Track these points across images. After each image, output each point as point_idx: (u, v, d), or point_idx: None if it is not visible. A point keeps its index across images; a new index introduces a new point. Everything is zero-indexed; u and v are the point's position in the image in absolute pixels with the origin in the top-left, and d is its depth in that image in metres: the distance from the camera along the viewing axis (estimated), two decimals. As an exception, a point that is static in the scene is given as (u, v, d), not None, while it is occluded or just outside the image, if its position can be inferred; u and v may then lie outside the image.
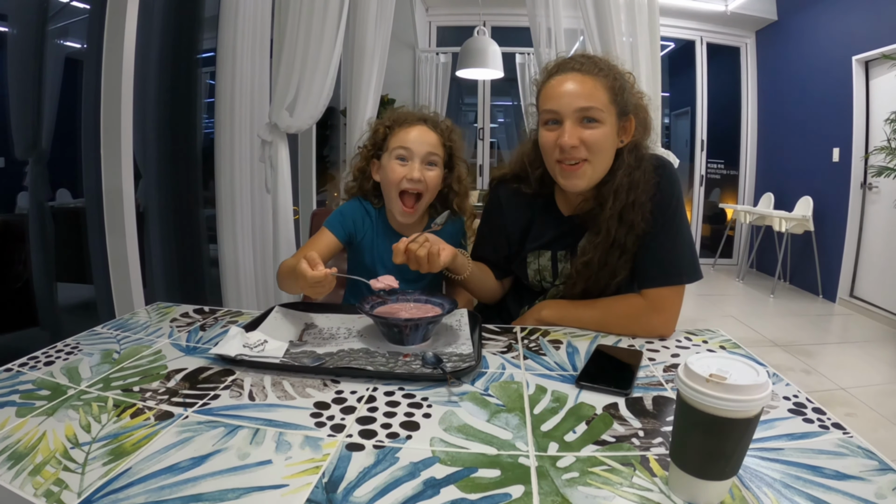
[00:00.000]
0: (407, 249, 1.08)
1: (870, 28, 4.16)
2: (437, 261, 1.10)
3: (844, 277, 4.51)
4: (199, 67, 2.93)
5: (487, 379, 0.89)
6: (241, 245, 2.51)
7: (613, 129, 1.14)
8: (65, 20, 2.48)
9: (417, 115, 1.36)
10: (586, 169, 1.14)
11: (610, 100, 1.12)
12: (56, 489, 0.59)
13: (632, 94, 1.17)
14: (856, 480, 0.61)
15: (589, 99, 1.11)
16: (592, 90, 1.11)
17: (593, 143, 1.12)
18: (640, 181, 1.15)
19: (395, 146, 1.31)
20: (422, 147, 1.30)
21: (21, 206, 2.31)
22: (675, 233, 1.16)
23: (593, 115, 1.11)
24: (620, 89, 1.14)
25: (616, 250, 1.17)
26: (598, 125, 1.11)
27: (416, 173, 1.28)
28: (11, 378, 0.88)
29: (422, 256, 1.09)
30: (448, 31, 5.90)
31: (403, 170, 1.29)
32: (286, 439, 0.70)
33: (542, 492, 0.59)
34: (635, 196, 1.14)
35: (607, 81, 1.13)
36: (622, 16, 2.12)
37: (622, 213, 1.15)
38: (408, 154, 1.30)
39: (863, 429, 2.28)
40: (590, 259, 1.18)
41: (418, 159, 1.29)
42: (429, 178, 1.31)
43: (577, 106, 1.11)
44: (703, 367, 0.57)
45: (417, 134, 1.31)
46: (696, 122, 5.88)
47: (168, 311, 1.27)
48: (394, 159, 1.30)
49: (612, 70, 1.15)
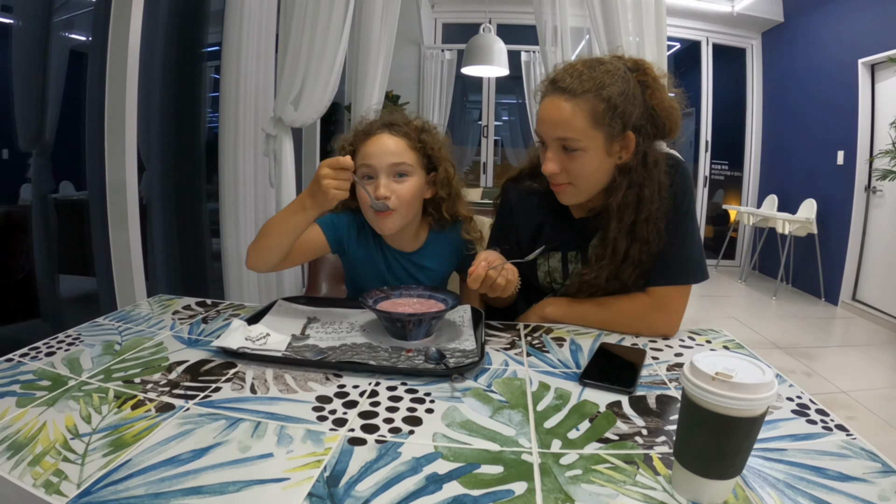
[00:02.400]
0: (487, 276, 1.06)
1: (876, 31, 4.14)
2: (511, 287, 1.10)
3: (847, 281, 4.50)
4: (204, 61, 2.93)
5: (490, 375, 0.89)
6: (243, 239, 2.51)
7: (599, 151, 1.07)
8: (70, 13, 2.47)
9: (381, 121, 1.23)
10: (571, 190, 1.13)
11: (592, 124, 1.05)
12: (55, 480, 0.59)
13: (634, 105, 1.07)
14: (859, 482, 0.61)
15: (566, 129, 1.06)
16: (570, 118, 1.05)
17: (573, 171, 1.10)
18: (652, 196, 1.10)
19: (359, 164, 1.19)
20: (384, 159, 1.17)
21: (24, 197, 2.30)
22: (685, 232, 1.14)
23: (571, 144, 1.07)
24: (610, 108, 1.05)
25: (629, 266, 1.14)
26: (578, 153, 1.07)
27: (381, 190, 1.16)
28: (12, 368, 0.87)
29: (501, 285, 1.08)
30: (453, 28, 5.89)
31: (370, 188, 1.17)
32: (288, 433, 0.69)
33: (545, 489, 0.59)
34: (648, 212, 1.10)
35: (592, 104, 1.05)
36: (629, 15, 2.11)
37: (634, 230, 1.11)
38: (371, 171, 1.18)
39: (864, 432, 2.25)
40: (594, 278, 1.16)
41: (383, 174, 1.17)
42: (399, 190, 1.18)
43: (555, 136, 1.09)
44: (708, 366, 0.56)
45: (378, 145, 1.18)
46: (701, 123, 5.86)
47: (170, 303, 1.26)
48: (361, 179, 1.18)
49: (602, 87, 1.05)
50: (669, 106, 1.12)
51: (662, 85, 1.13)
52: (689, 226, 1.15)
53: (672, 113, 1.12)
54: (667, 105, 1.11)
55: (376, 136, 1.20)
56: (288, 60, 2.03)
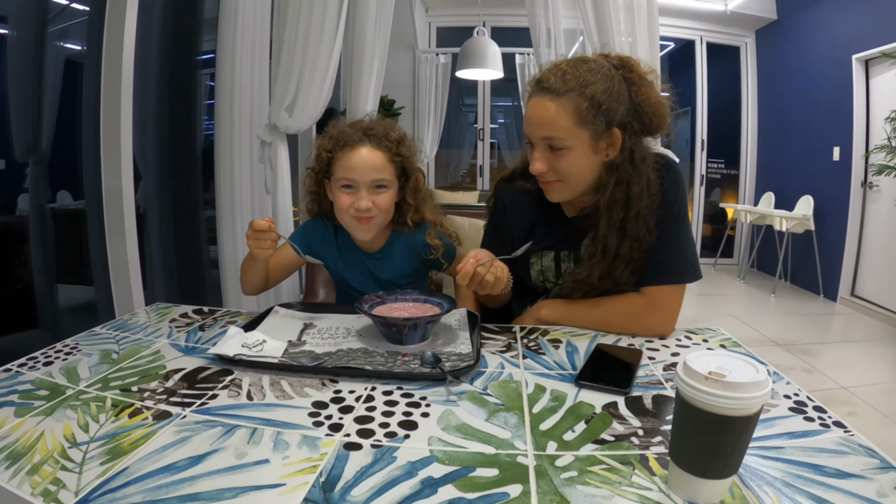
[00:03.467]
0: (475, 273, 1.07)
1: (869, 26, 4.16)
2: (501, 284, 1.11)
3: (845, 276, 4.51)
4: (199, 69, 2.94)
5: (486, 378, 0.89)
6: (240, 246, 2.51)
7: (585, 150, 1.09)
8: (64, 22, 2.48)
9: (361, 132, 1.25)
10: (560, 187, 1.15)
11: (577, 122, 1.06)
12: (53, 488, 0.59)
13: (619, 102, 1.08)
14: (857, 479, 0.61)
15: (551, 128, 1.08)
16: (555, 117, 1.07)
17: (560, 169, 1.11)
18: (641, 193, 1.10)
19: (339, 174, 1.23)
20: (366, 175, 1.22)
21: (21, 207, 2.31)
22: (677, 232, 1.15)
23: (556, 143, 1.09)
24: (593, 106, 1.06)
25: (620, 264, 1.14)
26: (564, 151, 1.09)
27: (363, 202, 1.21)
28: (10, 378, 0.88)
29: (490, 281, 1.08)
30: (448, 32, 5.90)
31: (350, 198, 1.22)
32: (284, 439, 0.69)
33: (541, 491, 0.59)
34: (637, 209, 1.10)
35: (576, 102, 1.06)
36: (621, 16, 2.12)
37: (625, 226, 1.12)
38: (353, 182, 1.22)
39: (865, 428, 2.28)
40: (587, 276, 1.17)
41: (364, 187, 1.22)
42: (379, 202, 1.23)
43: (540, 135, 1.11)
44: (702, 365, 0.56)
45: (360, 159, 1.22)
46: (697, 122, 5.88)
47: (167, 311, 1.27)
48: (340, 188, 1.24)
49: (586, 85, 1.06)
50: (656, 102, 1.12)
51: (650, 81, 1.14)
52: (682, 225, 1.15)
53: (659, 109, 1.12)
54: (653, 101, 1.11)
55: (357, 148, 1.23)
56: (282, 67, 2.03)
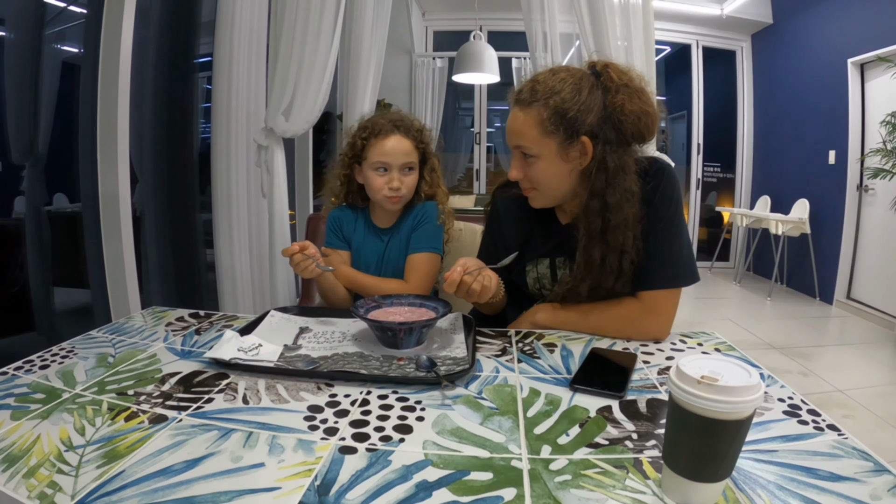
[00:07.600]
0: (462, 281, 1.09)
1: (865, 30, 4.18)
2: (488, 294, 1.13)
3: (841, 279, 4.52)
4: (196, 72, 2.93)
5: (481, 382, 0.89)
6: (237, 250, 2.51)
7: (554, 158, 1.11)
8: (61, 25, 2.48)
9: (391, 122, 1.43)
10: (535, 195, 1.20)
11: (541, 132, 1.09)
12: (50, 492, 0.59)
13: (588, 111, 1.08)
14: (850, 482, 0.61)
15: (518, 137, 1.13)
16: (522, 127, 1.12)
17: (532, 178, 1.16)
18: (620, 203, 1.08)
19: (373, 159, 1.41)
20: (398, 158, 1.41)
21: (18, 210, 2.31)
22: (672, 235, 1.14)
23: (527, 152, 1.14)
24: (556, 115, 1.07)
25: (610, 276, 1.13)
26: (533, 160, 1.13)
27: (396, 182, 1.41)
28: (6, 381, 0.88)
29: (476, 290, 1.10)
30: (444, 36, 5.90)
31: (383, 179, 1.41)
32: (279, 442, 0.70)
33: (535, 494, 0.59)
34: (617, 220, 1.09)
35: (538, 112, 1.09)
36: (617, 20, 2.13)
37: (605, 236, 1.10)
38: (386, 166, 1.41)
39: (861, 431, 2.29)
40: (576, 287, 1.17)
41: (396, 169, 1.41)
42: (407, 182, 1.43)
43: (513, 144, 1.16)
44: (694, 369, 0.57)
45: (393, 145, 1.41)
46: (692, 126, 5.88)
47: (163, 315, 1.27)
48: (373, 170, 1.42)
49: (551, 95, 1.08)
50: (638, 110, 1.09)
51: (638, 88, 1.12)
52: (677, 229, 1.14)
53: (640, 117, 1.09)
54: (631, 109, 1.08)
55: (389, 136, 1.42)
56: (278, 70, 2.03)
